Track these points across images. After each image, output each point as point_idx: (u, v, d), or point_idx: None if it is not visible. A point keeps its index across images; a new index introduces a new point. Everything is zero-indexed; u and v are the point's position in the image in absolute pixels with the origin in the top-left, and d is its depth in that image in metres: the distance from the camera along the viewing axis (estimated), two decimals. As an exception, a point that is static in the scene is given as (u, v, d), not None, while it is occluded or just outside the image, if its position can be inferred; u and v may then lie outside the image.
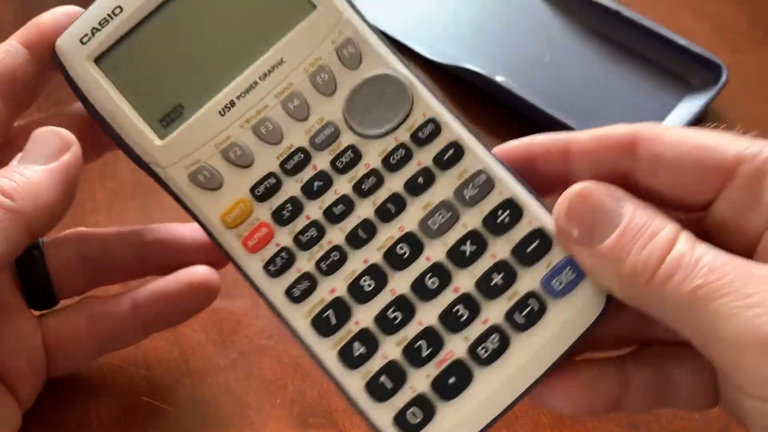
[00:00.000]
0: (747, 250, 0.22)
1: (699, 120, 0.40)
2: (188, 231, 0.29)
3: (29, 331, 0.27)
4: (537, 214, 0.24)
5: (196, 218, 0.25)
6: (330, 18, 0.25)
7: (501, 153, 0.25)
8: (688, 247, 0.20)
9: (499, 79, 0.40)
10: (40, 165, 0.24)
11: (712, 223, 0.23)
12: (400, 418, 0.23)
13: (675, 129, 0.23)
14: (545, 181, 0.25)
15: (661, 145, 0.23)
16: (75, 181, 0.25)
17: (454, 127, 0.25)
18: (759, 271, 0.19)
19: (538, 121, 0.39)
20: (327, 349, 0.23)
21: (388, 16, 0.46)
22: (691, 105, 0.39)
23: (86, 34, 0.25)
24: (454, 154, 0.25)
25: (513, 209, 0.24)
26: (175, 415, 0.29)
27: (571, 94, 0.41)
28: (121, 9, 0.25)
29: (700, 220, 0.23)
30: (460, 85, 0.42)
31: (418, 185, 0.24)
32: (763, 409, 0.19)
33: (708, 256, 0.19)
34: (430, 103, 0.25)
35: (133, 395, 0.29)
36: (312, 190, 0.25)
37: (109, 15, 0.26)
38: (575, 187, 0.22)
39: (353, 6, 0.26)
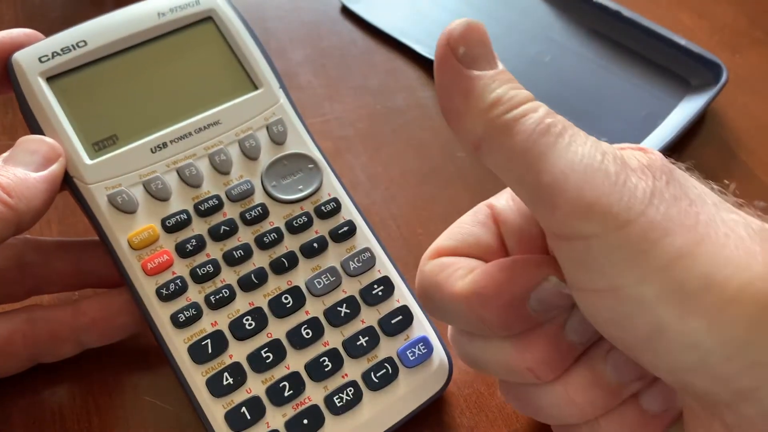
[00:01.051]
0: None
1: (699, 120, 0.40)
2: None
3: None
4: (405, 294, 0.29)
5: (102, 235, 0.27)
6: (268, 99, 0.30)
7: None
8: (546, 107, 0.21)
9: (499, 79, 0.40)
10: (30, 170, 0.25)
11: None
12: None
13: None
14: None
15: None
16: (58, 189, 0.26)
17: (351, 210, 0.29)
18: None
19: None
20: (197, 376, 0.26)
21: (389, 16, 0.46)
22: (691, 105, 0.39)
23: (46, 55, 0.28)
24: (348, 230, 0.29)
25: (387, 286, 0.28)
26: (176, 415, 0.29)
27: (571, 94, 0.41)
28: (86, 43, 0.28)
29: None
30: (460, 85, 0.42)
31: (312, 249, 0.28)
32: (571, 247, 0.20)
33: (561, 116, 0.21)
34: (335, 186, 0.29)
35: (135, 394, 0.29)
36: (218, 233, 0.27)
37: (72, 45, 0.28)
38: (470, 20, 0.23)
39: (289, 98, 0.30)
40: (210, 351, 0.26)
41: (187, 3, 0.30)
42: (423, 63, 0.43)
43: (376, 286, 0.28)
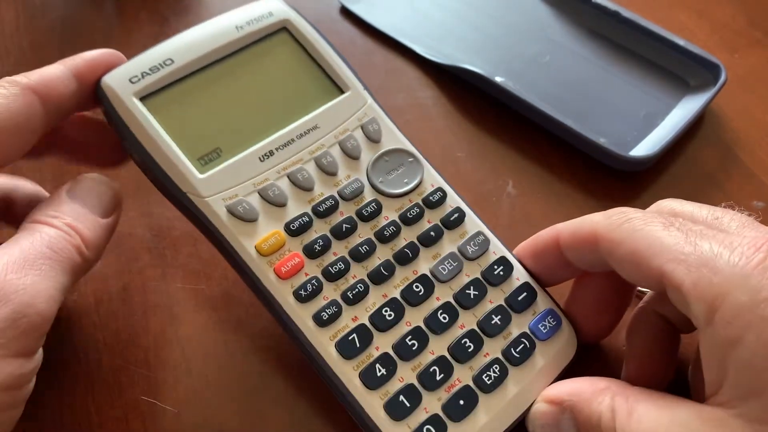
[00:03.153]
0: None
1: (698, 120, 0.40)
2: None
3: None
4: (522, 272, 0.30)
5: (225, 246, 0.27)
6: (358, 101, 0.31)
7: (518, 252, 0.30)
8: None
9: (498, 79, 0.40)
10: (97, 213, 0.27)
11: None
12: None
13: (625, 226, 0.25)
14: (555, 268, 0.29)
15: (610, 245, 0.25)
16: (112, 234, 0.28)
17: (456, 197, 0.31)
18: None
19: (537, 121, 0.39)
20: (349, 371, 0.26)
21: (388, 17, 0.46)
22: (690, 105, 0.39)
23: (136, 76, 0.28)
24: (458, 217, 0.30)
25: (506, 266, 0.30)
26: (175, 414, 0.29)
27: (571, 95, 0.41)
28: (173, 61, 0.29)
29: None
30: (460, 86, 0.42)
31: (429, 237, 0.29)
32: None
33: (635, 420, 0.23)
34: (436, 176, 0.31)
35: (134, 394, 0.29)
36: (340, 231, 0.28)
37: (160, 64, 0.29)
38: (534, 414, 0.27)
39: (374, 97, 0.31)
40: (358, 345, 0.26)
41: (262, 15, 0.31)
42: (423, 63, 0.43)
43: (495, 267, 0.29)
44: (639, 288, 0.32)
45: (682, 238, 0.24)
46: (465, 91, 0.42)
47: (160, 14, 0.46)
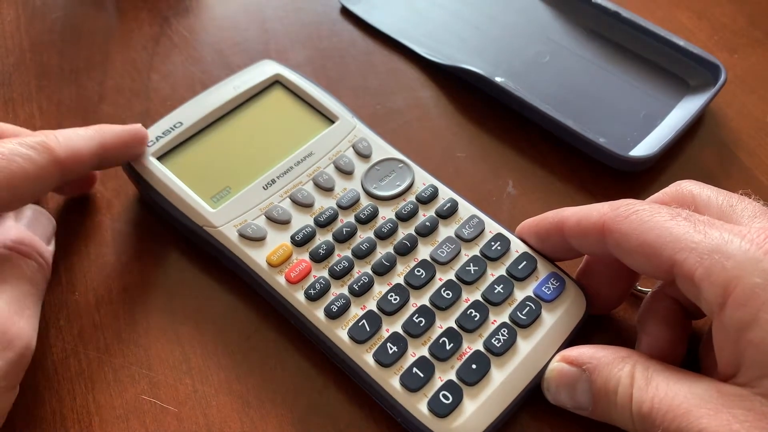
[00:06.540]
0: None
1: (698, 120, 0.40)
2: None
3: None
4: (520, 244, 0.31)
5: (240, 266, 0.31)
6: (347, 126, 0.35)
7: (519, 232, 0.31)
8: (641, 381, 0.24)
9: (498, 80, 0.40)
10: (44, 242, 0.30)
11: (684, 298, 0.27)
12: (433, 404, 0.27)
13: (632, 218, 0.26)
14: (558, 250, 0.30)
15: (619, 237, 0.26)
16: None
17: (448, 191, 0.33)
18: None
19: (537, 122, 0.39)
20: (363, 353, 0.28)
21: (388, 17, 0.46)
22: (690, 105, 0.39)
23: (151, 141, 0.34)
24: (451, 206, 0.32)
25: (502, 241, 0.31)
26: (176, 414, 0.29)
27: (571, 95, 0.41)
28: (182, 123, 0.34)
29: None
30: (460, 86, 0.42)
31: (426, 227, 0.31)
32: None
33: (654, 387, 0.24)
34: (427, 176, 0.34)
35: (134, 394, 0.29)
36: (342, 236, 0.31)
37: (171, 127, 0.34)
38: (550, 372, 0.28)
39: (362, 121, 0.36)
40: (368, 329, 0.28)
41: (256, 74, 0.36)
42: (423, 64, 0.43)
43: (493, 243, 0.31)
44: (638, 287, 0.32)
45: (690, 227, 0.24)
46: (465, 91, 0.42)
47: (160, 14, 0.46)
